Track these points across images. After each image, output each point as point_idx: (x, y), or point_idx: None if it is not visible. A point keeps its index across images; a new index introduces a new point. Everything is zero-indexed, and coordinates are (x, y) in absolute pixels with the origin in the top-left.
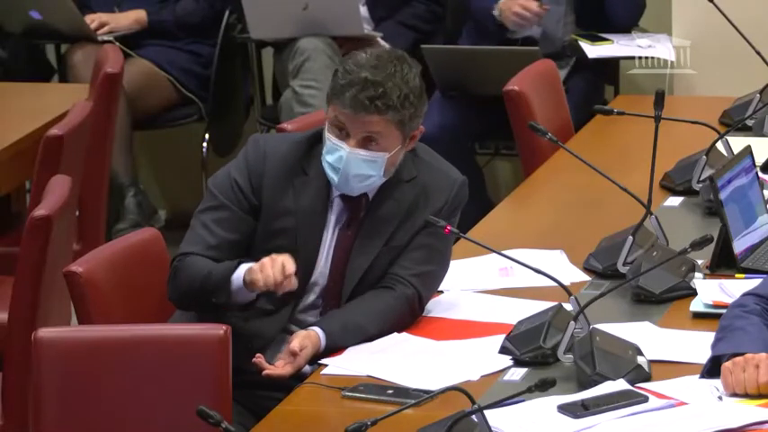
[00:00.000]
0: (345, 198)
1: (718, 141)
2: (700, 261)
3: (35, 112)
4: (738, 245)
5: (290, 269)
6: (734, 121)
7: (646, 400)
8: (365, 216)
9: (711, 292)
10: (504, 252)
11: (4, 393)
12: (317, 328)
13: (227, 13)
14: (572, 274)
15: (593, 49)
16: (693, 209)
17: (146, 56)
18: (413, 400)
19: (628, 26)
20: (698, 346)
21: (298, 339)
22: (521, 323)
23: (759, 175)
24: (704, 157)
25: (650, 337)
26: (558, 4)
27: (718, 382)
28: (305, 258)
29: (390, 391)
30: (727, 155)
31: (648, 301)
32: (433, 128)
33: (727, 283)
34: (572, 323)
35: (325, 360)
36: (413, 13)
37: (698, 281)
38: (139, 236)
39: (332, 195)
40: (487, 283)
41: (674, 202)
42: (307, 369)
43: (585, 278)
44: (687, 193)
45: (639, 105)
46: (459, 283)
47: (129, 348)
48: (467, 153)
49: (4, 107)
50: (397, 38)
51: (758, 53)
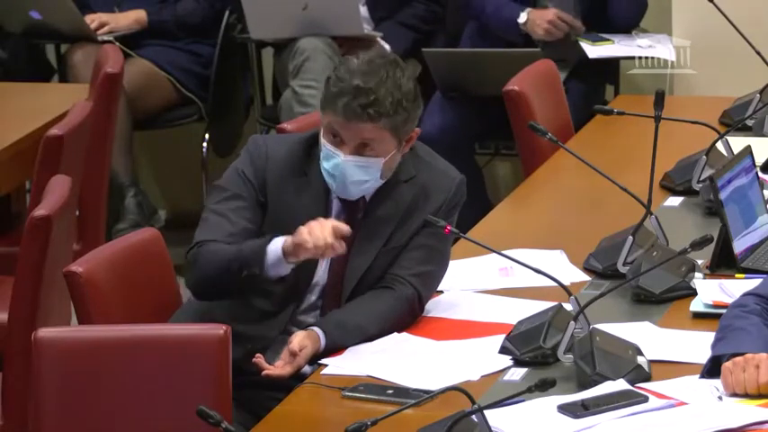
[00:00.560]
0: (344, 200)
1: (718, 141)
2: (700, 261)
3: (35, 112)
4: (738, 245)
5: (341, 228)
6: (734, 121)
7: (646, 400)
8: (364, 217)
9: (711, 292)
10: (504, 252)
11: (4, 393)
12: (316, 328)
13: (227, 13)
14: (572, 274)
15: (593, 50)
16: (693, 209)
17: (146, 56)
18: (413, 400)
19: (630, 26)
20: (698, 346)
21: (297, 339)
22: (521, 323)
23: (759, 175)
24: (704, 157)
25: (650, 337)
26: (567, 10)
27: (718, 382)
28: (307, 261)
29: (390, 391)
30: (727, 155)
31: (648, 301)
32: (434, 128)
33: (727, 283)
34: (572, 323)
35: (325, 360)
36: (413, 14)
37: (698, 281)
38: (139, 236)
39: (331, 196)
40: (487, 283)
41: (674, 202)
42: (306, 369)
43: (585, 278)
44: (687, 193)
45: (639, 105)
46: (459, 283)
47: (129, 348)
48: (467, 153)
49: (4, 107)
50: (397, 38)
51: (758, 53)
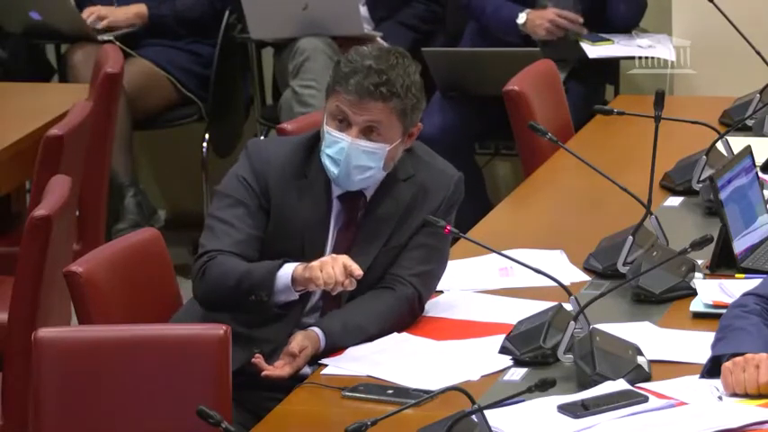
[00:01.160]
0: (343, 199)
1: (718, 141)
2: (700, 261)
3: (35, 112)
4: (738, 245)
5: (354, 269)
6: (734, 121)
7: (646, 400)
8: (364, 216)
9: (711, 292)
10: (504, 252)
11: (4, 393)
12: (316, 329)
13: (227, 13)
14: (572, 274)
15: (593, 50)
16: (693, 209)
17: (146, 56)
18: (413, 400)
19: (629, 26)
20: (698, 346)
21: (297, 340)
22: (521, 323)
23: (759, 175)
24: (704, 157)
25: (650, 337)
26: (566, 9)
27: (718, 382)
28: (310, 260)
29: (390, 391)
30: (727, 155)
31: (648, 301)
32: (434, 128)
33: (727, 283)
34: (572, 323)
35: (325, 360)
36: (413, 14)
37: (698, 281)
38: (139, 236)
39: (331, 197)
40: (487, 283)
41: (674, 202)
42: (306, 370)
43: (585, 278)
44: (687, 193)
45: (639, 105)
46: (459, 283)
47: (129, 348)
48: (467, 153)
49: (4, 107)
50: (397, 38)
51: (758, 53)
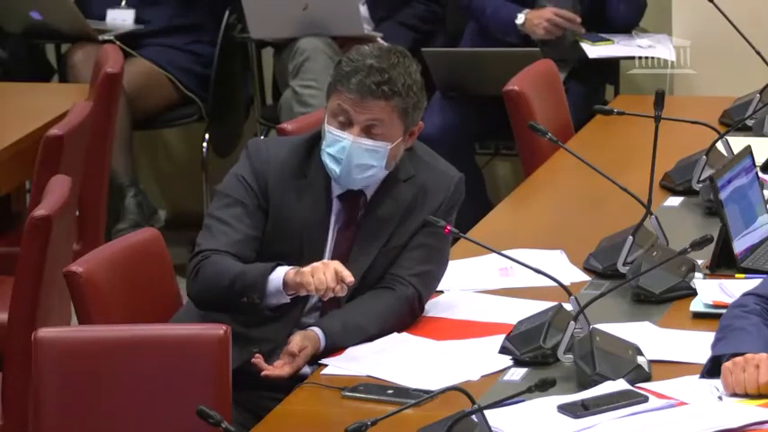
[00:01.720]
0: (343, 198)
1: (718, 141)
2: (700, 261)
3: (35, 112)
4: (738, 245)
5: (345, 276)
6: (734, 121)
7: (646, 400)
8: (364, 216)
9: (711, 292)
10: (504, 252)
11: (4, 393)
12: (316, 329)
13: (227, 13)
14: (572, 274)
15: (593, 50)
16: (693, 209)
17: (146, 56)
18: (413, 400)
19: (629, 26)
20: (698, 346)
21: (297, 340)
22: (521, 323)
23: (759, 175)
24: (704, 157)
25: (650, 337)
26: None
27: (718, 382)
28: (310, 260)
29: (390, 391)
30: (727, 155)
31: (648, 301)
32: (434, 129)
33: (727, 283)
34: (572, 323)
35: (325, 360)
36: (413, 14)
37: (698, 281)
38: (139, 236)
39: (331, 197)
40: (487, 283)
41: (674, 202)
42: (306, 370)
43: (585, 278)
44: (687, 193)
45: (639, 105)
46: (459, 283)
47: (129, 348)
48: (467, 153)
49: (4, 107)
50: (397, 38)
51: (758, 53)
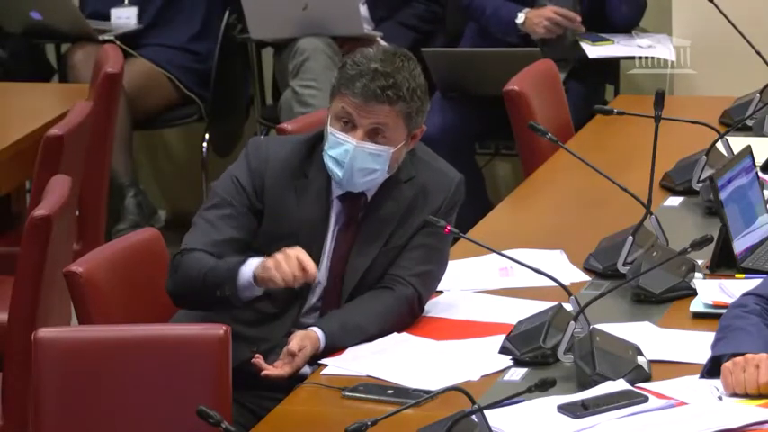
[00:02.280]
0: (344, 199)
1: (718, 141)
2: (700, 261)
3: (35, 112)
4: (738, 245)
5: (306, 263)
6: (734, 121)
7: (646, 400)
8: (364, 217)
9: (711, 292)
10: (504, 252)
11: (4, 393)
12: (316, 329)
13: (227, 13)
14: (572, 274)
15: (593, 50)
16: (693, 209)
17: (146, 55)
18: (413, 400)
19: (629, 26)
20: (698, 346)
21: (296, 340)
22: (521, 323)
23: (759, 175)
24: (704, 157)
25: (650, 337)
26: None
27: (718, 382)
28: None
29: (390, 391)
30: (727, 155)
31: (648, 301)
32: (434, 129)
33: (727, 283)
34: (572, 323)
35: (325, 360)
36: (413, 14)
37: (698, 281)
38: (139, 236)
39: (331, 197)
40: (487, 283)
41: (674, 202)
42: (306, 370)
43: (585, 278)
44: (687, 193)
45: (639, 105)
46: (459, 283)
47: (129, 348)
48: (467, 153)
49: (4, 107)
50: (397, 38)
51: (758, 53)
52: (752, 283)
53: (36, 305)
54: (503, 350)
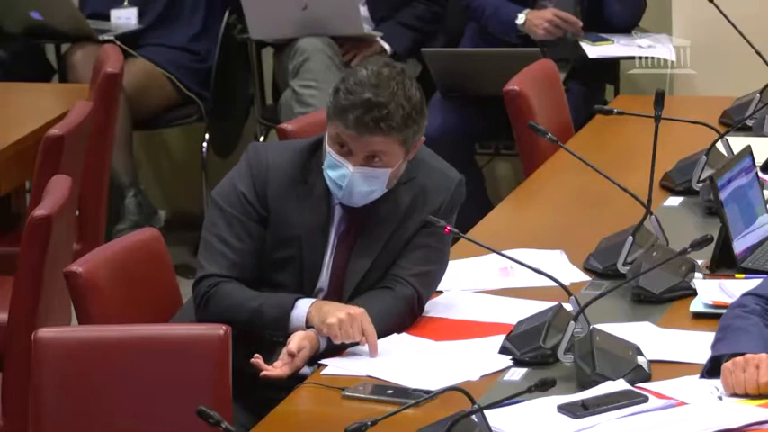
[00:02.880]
0: (346, 205)
1: (718, 141)
2: (700, 261)
3: (35, 112)
4: (738, 245)
5: (368, 332)
6: (734, 121)
7: (646, 400)
8: (365, 220)
9: (711, 292)
10: (504, 252)
11: (4, 393)
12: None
13: (227, 13)
14: (572, 274)
15: (593, 50)
16: (693, 209)
17: (146, 55)
18: (413, 400)
19: (628, 26)
20: (698, 346)
21: (296, 340)
22: (521, 323)
23: (759, 175)
24: (704, 157)
25: (650, 337)
26: (566, 10)
27: (718, 382)
28: (310, 267)
29: (390, 391)
30: (727, 155)
31: (648, 301)
32: (434, 129)
33: (727, 283)
34: (572, 323)
35: (325, 360)
36: (413, 14)
37: (698, 281)
38: (139, 236)
39: (332, 202)
40: (487, 283)
41: (674, 202)
42: (306, 370)
43: (585, 278)
44: (687, 193)
45: (639, 105)
46: (459, 283)
47: (129, 348)
48: (467, 153)
49: (4, 107)
50: (397, 38)
51: (758, 53)
52: (752, 283)
53: (36, 305)
54: (503, 350)
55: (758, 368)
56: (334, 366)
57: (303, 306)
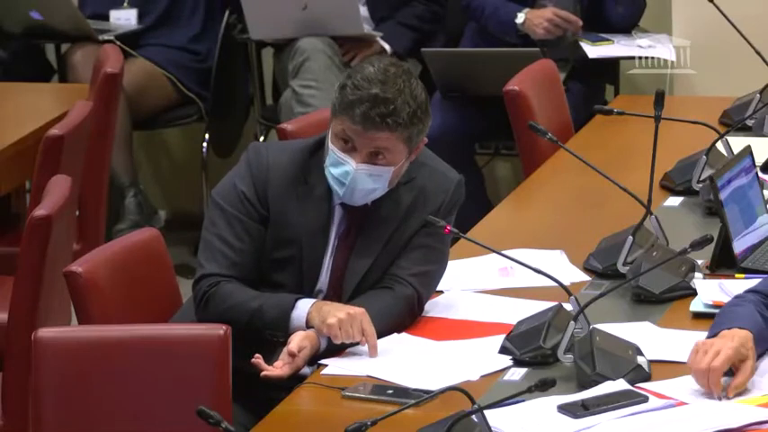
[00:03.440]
0: (345, 205)
1: (718, 141)
2: (700, 261)
3: (35, 112)
4: (738, 245)
5: (368, 332)
6: (734, 121)
7: (646, 400)
8: (365, 220)
9: (711, 292)
10: (504, 252)
11: (4, 393)
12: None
13: (227, 13)
14: (572, 274)
15: (593, 50)
16: (693, 209)
17: (146, 55)
18: (413, 400)
19: (628, 26)
20: None
21: (296, 340)
22: (521, 323)
23: (759, 175)
24: (704, 157)
25: (650, 337)
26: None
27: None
28: (309, 267)
29: (390, 391)
30: (727, 155)
31: (648, 301)
32: (434, 129)
33: (727, 283)
34: (572, 323)
35: (325, 360)
36: (413, 13)
37: (698, 281)
38: (139, 236)
39: (333, 202)
40: (487, 283)
41: (674, 202)
42: (306, 370)
43: (585, 278)
44: (687, 193)
45: (639, 105)
46: (459, 283)
47: (129, 348)
48: (467, 153)
49: (4, 107)
50: (397, 38)
51: (758, 53)
52: (752, 284)
53: (36, 305)
54: (503, 350)
55: (706, 353)
56: (334, 366)
57: (304, 306)
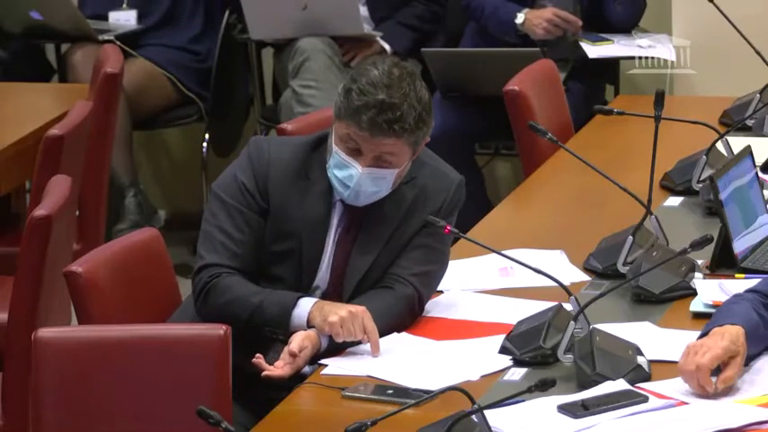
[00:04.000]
0: (347, 203)
1: (718, 141)
2: (700, 261)
3: (35, 112)
4: (738, 245)
5: (369, 330)
6: (734, 121)
7: (646, 400)
8: (365, 218)
9: (711, 292)
10: (504, 252)
11: (4, 393)
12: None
13: (227, 13)
14: (572, 274)
15: (593, 50)
16: (693, 209)
17: (146, 55)
18: (413, 400)
19: (628, 26)
20: None
21: (297, 340)
22: (521, 323)
23: (759, 175)
24: (704, 157)
25: (650, 337)
26: (565, 9)
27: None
28: (309, 262)
29: (390, 391)
30: (727, 155)
31: (648, 301)
32: (434, 129)
33: (727, 283)
34: (572, 323)
35: (325, 360)
36: (413, 13)
37: (698, 281)
38: (139, 236)
39: (333, 199)
40: (487, 283)
41: (674, 202)
42: (306, 370)
43: (585, 278)
44: (687, 193)
45: (639, 105)
46: (460, 283)
47: (129, 348)
48: (467, 153)
49: (4, 107)
50: (397, 38)
51: (758, 53)
52: (752, 284)
53: (36, 305)
54: (503, 350)
55: (695, 354)
56: (335, 366)
57: (305, 305)
